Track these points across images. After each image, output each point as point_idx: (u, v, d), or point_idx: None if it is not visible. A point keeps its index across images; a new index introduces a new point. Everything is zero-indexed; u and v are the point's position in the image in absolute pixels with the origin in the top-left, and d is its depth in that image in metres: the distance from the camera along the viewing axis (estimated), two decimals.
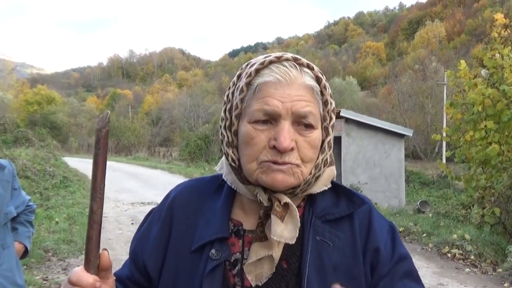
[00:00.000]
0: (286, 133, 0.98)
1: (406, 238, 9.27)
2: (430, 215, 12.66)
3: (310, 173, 1.04)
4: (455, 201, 14.94)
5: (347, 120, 14.56)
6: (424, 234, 9.28)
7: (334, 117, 1.08)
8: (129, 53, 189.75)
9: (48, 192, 13.57)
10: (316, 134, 1.03)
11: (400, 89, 44.84)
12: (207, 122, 46.35)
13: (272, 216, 1.01)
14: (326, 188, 1.11)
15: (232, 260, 1.06)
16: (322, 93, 1.05)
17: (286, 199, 1.02)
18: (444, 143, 25.72)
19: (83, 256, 0.94)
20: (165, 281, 1.09)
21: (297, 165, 1.01)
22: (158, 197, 14.48)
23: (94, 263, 0.93)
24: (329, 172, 1.12)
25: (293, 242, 1.00)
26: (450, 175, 9.40)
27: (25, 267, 6.11)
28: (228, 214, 1.10)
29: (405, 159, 17.40)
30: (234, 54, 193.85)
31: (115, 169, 24.00)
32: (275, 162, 0.99)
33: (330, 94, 1.08)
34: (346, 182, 14.50)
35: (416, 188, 21.78)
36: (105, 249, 0.96)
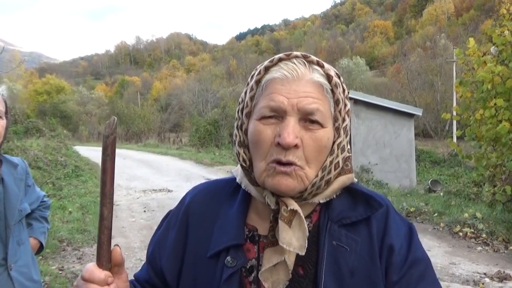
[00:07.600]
0: (290, 129, 0.95)
1: (418, 218, 9.29)
2: (441, 194, 12.65)
3: (317, 176, 1.00)
4: (466, 179, 14.92)
5: (356, 102, 14.50)
6: (436, 214, 9.30)
7: (347, 118, 1.04)
8: (136, 40, 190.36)
9: (60, 182, 13.63)
10: (323, 133, 0.99)
11: (409, 67, 44.45)
12: (216, 107, 46.32)
13: (280, 222, 0.99)
14: (335, 196, 1.06)
15: (248, 267, 1.04)
16: (333, 92, 1.02)
17: (293, 205, 0.99)
18: (454, 121, 25.53)
19: (97, 245, 0.95)
20: (184, 287, 1.08)
21: (301, 167, 0.97)
22: (169, 184, 14.51)
23: (106, 267, 0.93)
24: (345, 180, 1.07)
25: (303, 253, 0.98)
26: (461, 153, 9.33)
27: (40, 257, 6.20)
28: (243, 220, 1.07)
29: (415, 138, 17.34)
30: (241, 37, 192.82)
31: (125, 156, 24.03)
32: (279, 162, 0.97)
33: (347, 96, 1.05)
34: (356, 163, 14.49)
35: (427, 167, 21.69)
36: (117, 245, 0.95)
